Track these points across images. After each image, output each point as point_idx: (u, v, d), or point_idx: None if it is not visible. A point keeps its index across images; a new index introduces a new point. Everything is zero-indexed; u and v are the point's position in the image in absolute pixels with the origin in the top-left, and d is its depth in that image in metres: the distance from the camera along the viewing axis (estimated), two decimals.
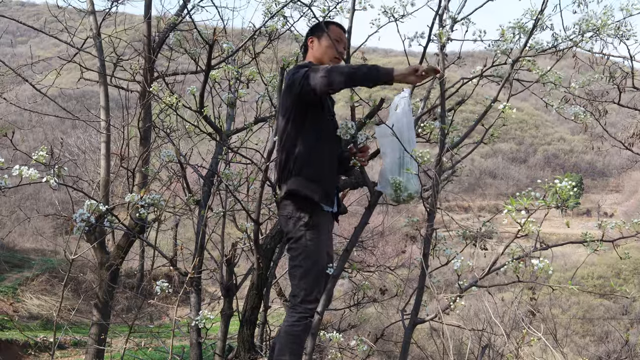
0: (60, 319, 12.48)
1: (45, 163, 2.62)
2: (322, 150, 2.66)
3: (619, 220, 2.49)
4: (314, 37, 2.85)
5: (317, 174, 2.63)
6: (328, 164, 2.70)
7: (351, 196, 5.02)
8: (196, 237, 3.88)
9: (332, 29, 2.82)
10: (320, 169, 2.65)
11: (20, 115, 23.41)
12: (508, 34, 2.76)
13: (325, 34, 2.78)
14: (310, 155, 2.63)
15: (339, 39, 2.80)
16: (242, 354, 3.53)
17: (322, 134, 2.68)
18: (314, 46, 2.84)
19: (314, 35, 2.85)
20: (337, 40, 2.78)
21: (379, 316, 11.89)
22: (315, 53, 2.83)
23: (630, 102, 4.60)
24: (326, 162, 2.68)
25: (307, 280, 2.58)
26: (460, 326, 4.88)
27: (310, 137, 2.64)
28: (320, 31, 2.82)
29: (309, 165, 2.63)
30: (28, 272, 17.57)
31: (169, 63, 5.37)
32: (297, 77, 2.57)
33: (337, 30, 2.84)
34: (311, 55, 2.85)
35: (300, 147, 2.64)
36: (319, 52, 2.82)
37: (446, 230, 2.80)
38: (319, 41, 2.82)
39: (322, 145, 2.66)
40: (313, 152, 2.64)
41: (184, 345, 4.18)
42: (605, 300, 27.14)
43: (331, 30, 2.80)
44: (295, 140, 2.66)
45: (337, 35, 2.80)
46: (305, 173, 2.62)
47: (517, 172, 61.30)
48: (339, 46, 2.77)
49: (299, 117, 2.65)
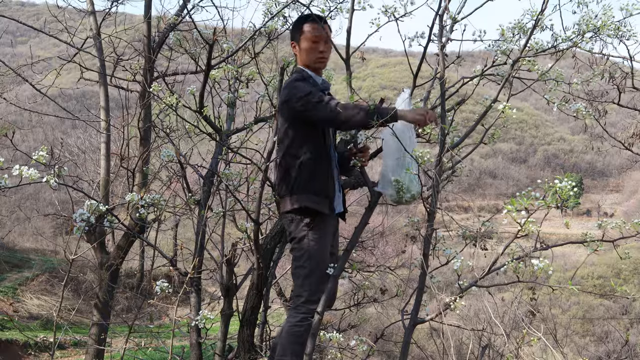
0: (60, 319, 12.46)
1: (45, 163, 2.62)
2: (324, 161, 2.64)
3: (619, 220, 2.49)
4: (294, 42, 2.76)
5: (322, 188, 2.62)
6: (330, 174, 2.67)
7: (351, 196, 5.02)
8: (196, 237, 3.87)
9: (305, 28, 2.68)
10: (325, 182, 2.63)
11: (20, 115, 23.37)
12: (508, 34, 2.76)
13: (301, 36, 2.69)
14: (314, 170, 2.61)
15: (316, 37, 2.67)
16: (242, 354, 3.53)
17: (322, 144, 2.65)
18: (297, 52, 2.76)
19: (293, 40, 2.76)
20: (314, 39, 2.67)
21: (379, 316, 11.90)
22: (301, 58, 2.75)
23: (630, 102, 4.60)
24: (328, 173, 2.66)
25: (311, 281, 2.57)
26: (460, 326, 4.88)
27: (311, 151, 2.61)
28: (296, 33, 2.72)
29: (313, 180, 2.60)
30: (28, 272, 17.58)
31: (169, 63, 5.36)
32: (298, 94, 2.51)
33: (311, 26, 2.68)
34: (299, 60, 2.77)
35: (303, 161, 2.59)
36: (303, 57, 2.73)
37: (446, 230, 2.79)
38: (299, 45, 2.72)
39: (323, 157, 2.64)
40: (316, 165, 2.61)
41: (184, 345, 4.18)
42: (605, 300, 27.14)
43: (304, 31, 2.68)
44: (297, 154, 2.61)
45: (312, 32, 2.67)
46: (311, 188, 2.60)
47: (517, 172, 61.31)
48: (318, 46, 2.67)
49: (299, 131, 2.61)
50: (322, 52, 2.70)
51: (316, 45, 2.68)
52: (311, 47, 2.68)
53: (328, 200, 2.63)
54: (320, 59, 2.71)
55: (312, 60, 2.71)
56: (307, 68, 2.73)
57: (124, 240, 5.92)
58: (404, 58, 2.92)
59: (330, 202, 2.65)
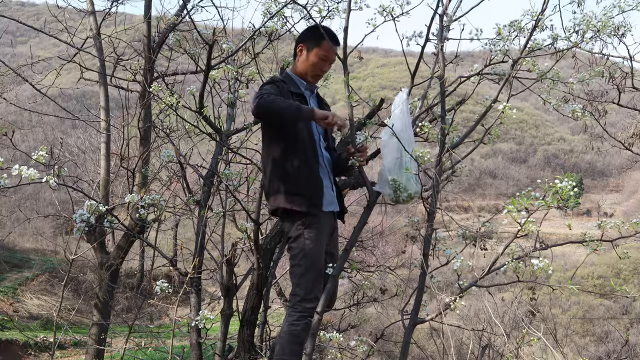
0: (60, 319, 12.46)
1: (45, 163, 2.62)
2: (296, 161, 2.63)
3: (619, 220, 2.49)
4: (303, 46, 2.76)
5: (294, 187, 2.63)
6: (306, 173, 2.65)
7: (351, 196, 5.02)
8: (196, 237, 3.88)
9: (324, 45, 2.72)
10: (296, 181, 2.63)
11: (20, 115, 23.43)
12: (504, 33, 2.76)
13: (315, 49, 2.72)
14: (282, 171, 2.64)
15: (328, 58, 2.74)
16: (242, 354, 3.54)
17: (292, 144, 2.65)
18: (301, 56, 2.77)
19: (304, 44, 2.77)
20: (324, 59, 2.73)
21: (379, 316, 11.90)
22: (300, 64, 2.78)
23: (630, 102, 4.60)
24: (302, 172, 2.64)
25: (307, 279, 2.57)
26: (460, 326, 4.88)
27: (277, 152, 2.66)
28: (312, 42, 2.74)
29: (283, 180, 2.64)
30: (28, 272, 17.60)
31: (169, 63, 5.36)
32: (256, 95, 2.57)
33: (328, 47, 2.72)
34: (296, 63, 2.80)
35: (271, 164, 2.68)
36: (303, 66, 2.77)
37: (446, 230, 2.79)
38: (308, 54, 2.74)
39: (294, 156, 2.64)
40: (284, 166, 2.64)
41: (184, 345, 4.18)
42: (605, 300, 27.16)
43: (323, 46, 2.72)
44: (267, 158, 2.71)
45: (327, 53, 2.73)
46: (283, 189, 2.63)
47: (517, 172, 61.34)
48: (324, 65, 2.75)
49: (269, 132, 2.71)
50: (323, 72, 2.79)
51: (323, 64, 2.76)
52: (317, 64, 2.75)
53: (305, 199, 2.61)
54: (318, 76, 2.82)
55: (310, 74, 2.78)
56: (298, 75, 2.79)
57: (124, 240, 5.92)
58: (404, 58, 2.92)
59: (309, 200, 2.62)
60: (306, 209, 2.60)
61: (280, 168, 2.65)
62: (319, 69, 2.76)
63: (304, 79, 2.81)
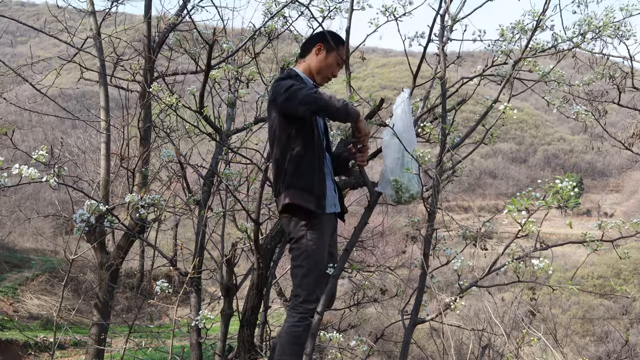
0: (60, 319, 12.46)
1: (45, 163, 2.62)
2: (311, 158, 2.64)
3: (619, 220, 2.48)
4: (323, 46, 2.78)
5: (308, 184, 2.62)
6: (317, 172, 2.66)
7: (351, 196, 5.02)
8: (196, 237, 3.88)
9: (342, 50, 2.80)
10: (311, 179, 2.63)
11: (20, 115, 23.45)
12: (507, 34, 2.76)
13: (334, 52, 2.76)
14: (302, 165, 2.62)
15: (341, 62, 2.81)
16: (242, 354, 3.53)
17: (309, 141, 2.65)
18: (318, 55, 2.78)
19: (324, 44, 2.78)
20: (339, 62, 2.80)
21: (379, 316, 11.90)
22: (314, 63, 2.78)
23: (630, 102, 4.60)
24: (315, 170, 2.65)
25: (309, 281, 2.57)
26: (460, 326, 4.88)
27: (301, 146, 2.63)
28: (331, 44, 2.77)
29: (300, 175, 2.62)
30: (28, 272, 17.60)
31: (169, 63, 5.36)
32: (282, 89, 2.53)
33: (343, 53, 2.82)
34: (309, 61, 2.80)
35: (289, 158, 2.63)
36: (318, 65, 2.78)
37: (446, 230, 2.79)
38: (326, 55, 2.77)
39: (311, 153, 2.64)
40: (302, 162, 2.62)
41: (184, 345, 4.18)
42: (605, 300, 27.16)
43: (341, 50, 2.79)
44: (285, 152, 2.65)
45: (342, 57, 2.80)
46: (297, 184, 2.61)
47: (517, 172, 61.37)
48: (337, 69, 2.80)
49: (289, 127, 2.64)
50: (334, 75, 2.82)
51: (336, 68, 2.81)
52: (332, 65, 2.79)
53: (315, 198, 2.61)
54: (326, 79, 2.84)
55: (321, 74, 2.80)
56: (308, 74, 2.78)
57: (124, 240, 5.91)
58: (404, 58, 2.92)
59: (317, 200, 2.62)
60: (314, 207, 2.60)
61: (297, 164, 2.63)
62: (331, 71, 2.80)
63: (312, 78, 2.80)
